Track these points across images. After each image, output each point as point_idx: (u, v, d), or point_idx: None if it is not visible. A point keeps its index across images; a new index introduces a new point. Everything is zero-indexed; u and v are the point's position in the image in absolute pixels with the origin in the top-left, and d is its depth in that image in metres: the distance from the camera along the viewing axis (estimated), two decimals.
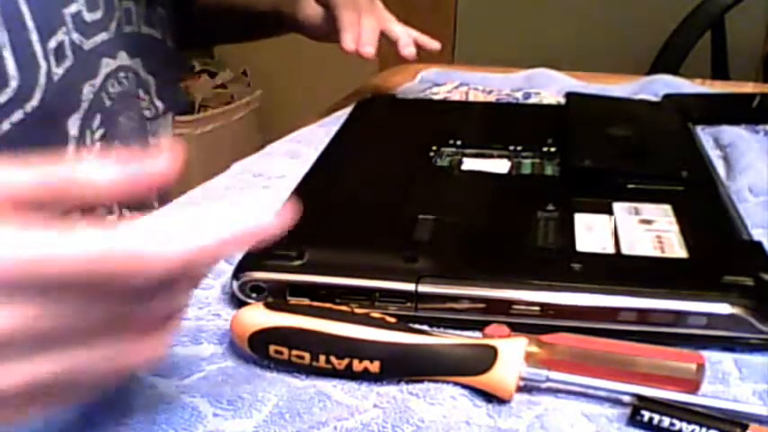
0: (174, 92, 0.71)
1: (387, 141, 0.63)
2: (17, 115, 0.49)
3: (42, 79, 0.50)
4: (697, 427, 0.31)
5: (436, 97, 0.79)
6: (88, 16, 0.54)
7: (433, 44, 0.73)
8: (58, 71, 0.52)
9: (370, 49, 0.66)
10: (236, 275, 0.40)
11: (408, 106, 0.75)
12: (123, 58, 0.59)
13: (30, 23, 0.49)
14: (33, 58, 0.50)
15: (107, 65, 0.57)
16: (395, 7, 0.77)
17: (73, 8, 0.53)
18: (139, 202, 0.62)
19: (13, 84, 0.49)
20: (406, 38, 0.70)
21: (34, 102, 0.50)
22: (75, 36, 0.53)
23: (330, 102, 0.80)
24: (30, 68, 0.50)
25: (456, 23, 2.20)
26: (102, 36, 0.56)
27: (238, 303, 0.40)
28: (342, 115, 0.71)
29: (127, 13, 0.60)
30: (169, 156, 0.28)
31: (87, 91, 0.55)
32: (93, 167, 0.27)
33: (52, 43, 0.51)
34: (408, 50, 0.69)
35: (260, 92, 2.15)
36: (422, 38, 0.72)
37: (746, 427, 0.31)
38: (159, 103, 0.66)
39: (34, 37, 0.50)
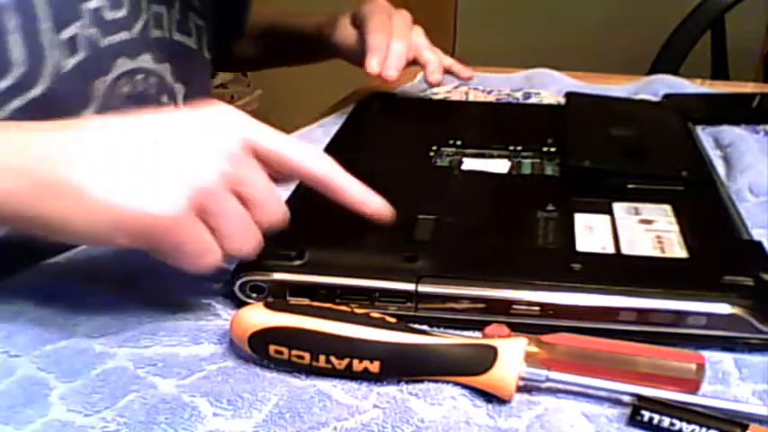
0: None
1: (387, 141, 0.63)
2: (16, 102, 0.49)
3: (48, 69, 0.50)
4: (697, 427, 0.31)
5: (436, 97, 0.79)
6: (109, 14, 0.54)
7: (465, 72, 0.75)
8: (67, 63, 0.51)
9: (392, 73, 0.67)
10: (236, 275, 0.40)
11: (408, 106, 0.75)
12: (147, 61, 0.59)
13: (41, 13, 0.49)
14: (41, 47, 0.49)
15: (122, 64, 0.57)
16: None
17: (93, 4, 0.53)
18: None
19: (17, 71, 0.48)
20: (435, 64, 0.71)
21: (37, 91, 0.50)
22: (92, 31, 0.53)
23: (330, 102, 0.80)
24: (36, 57, 0.49)
25: (456, 23, 2.20)
26: (123, 35, 0.56)
27: (238, 303, 0.40)
28: (342, 115, 0.71)
29: (156, 17, 0.59)
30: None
31: (100, 87, 0.55)
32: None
33: (64, 35, 0.51)
34: (434, 77, 0.71)
35: (260, 92, 2.15)
36: (455, 66, 0.75)
37: (746, 427, 0.31)
38: None
39: (45, 26, 0.49)
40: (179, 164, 0.36)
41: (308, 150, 0.41)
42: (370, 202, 0.42)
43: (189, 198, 0.35)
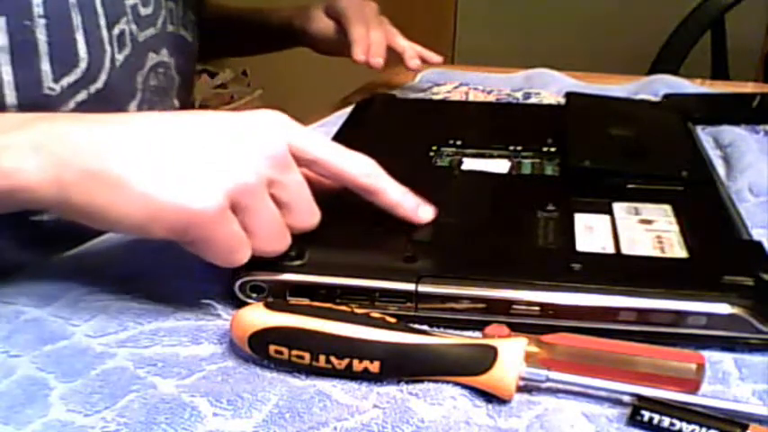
0: (188, 94, 0.73)
1: (387, 141, 0.63)
2: (81, 96, 0.52)
3: (107, 63, 0.53)
4: (697, 427, 0.31)
5: (436, 97, 0.79)
6: (143, 10, 0.58)
7: (435, 58, 0.79)
8: (120, 57, 0.54)
9: (379, 60, 0.72)
10: (236, 275, 0.40)
11: (408, 106, 0.75)
12: (164, 55, 0.62)
13: (99, 9, 0.52)
14: (100, 42, 0.52)
15: (152, 58, 0.59)
16: (396, 8, 0.78)
17: (132, 1, 0.56)
18: None
19: (83, 65, 0.51)
20: (412, 51, 0.76)
21: (99, 84, 0.53)
22: (134, 27, 0.56)
23: (330, 101, 0.80)
24: (97, 52, 0.52)
25: (456, 23, 2.20)
26: (151, 31, 0.59)
27: (238, 303, 0.40)
28: (342, 115, 0.71)
29: (170, 13, 0.62)
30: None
31: (139, 80, 0.58)
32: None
33: (116, 30, 0.54)
34: (414, 63, 0.76)
35: (260, 92, 2.14)
36: (425, 52, 0.78)
37: (746, 427, 0.31)
38: (176, 103, 0.68)
39: (102, 22, 0.52)
40: (220, 160, 0.37)
41: (354, 158, 0.42)
42: (418, 213, 0.43)
43: (226, 194, 0.36)
